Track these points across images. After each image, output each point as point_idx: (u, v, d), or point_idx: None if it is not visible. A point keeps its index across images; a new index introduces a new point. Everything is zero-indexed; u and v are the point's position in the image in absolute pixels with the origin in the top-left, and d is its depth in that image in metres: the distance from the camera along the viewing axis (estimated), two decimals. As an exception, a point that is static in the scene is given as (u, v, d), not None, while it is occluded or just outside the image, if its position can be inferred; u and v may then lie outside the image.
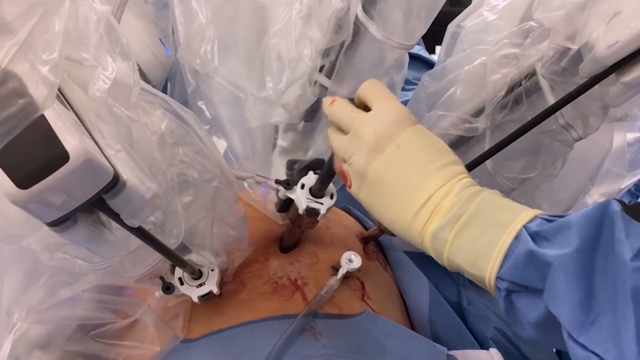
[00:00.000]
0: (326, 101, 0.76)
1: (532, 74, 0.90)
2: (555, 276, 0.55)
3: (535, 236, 0.58)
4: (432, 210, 0.66)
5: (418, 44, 1.99)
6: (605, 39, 0.74)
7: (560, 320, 0.54)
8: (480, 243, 0.61)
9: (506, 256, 0.59)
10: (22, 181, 0.46)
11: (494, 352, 0.99)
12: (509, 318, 0.63)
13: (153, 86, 1.15)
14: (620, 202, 0.57)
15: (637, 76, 0.75)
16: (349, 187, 0.74)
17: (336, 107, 0.75)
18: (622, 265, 0.52)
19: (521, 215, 0.61)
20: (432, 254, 0.67)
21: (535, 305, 0.58)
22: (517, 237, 0.59)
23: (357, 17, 0.78)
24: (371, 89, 0.73)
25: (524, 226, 0.59)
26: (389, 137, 0.69)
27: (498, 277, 0.60)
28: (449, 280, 1.24)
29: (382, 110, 0.71)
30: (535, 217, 0.61)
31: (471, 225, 0.63)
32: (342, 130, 0.74)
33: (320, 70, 0.87)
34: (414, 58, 1.85)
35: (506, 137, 0.84)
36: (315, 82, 0.87)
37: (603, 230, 0.55)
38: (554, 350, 1.20)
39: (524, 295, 0.59)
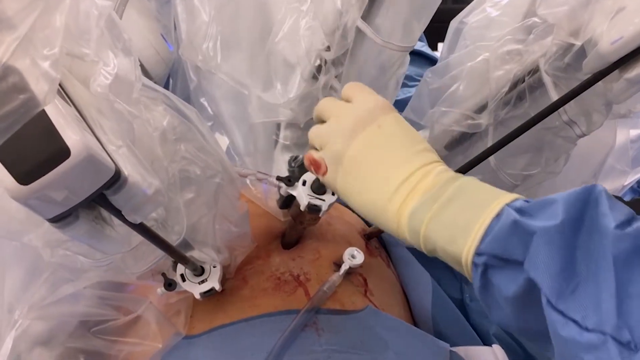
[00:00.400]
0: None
1: (535, 70, 0.90)
2: (539, 244, 0.54)
3: (519, 211, 0.57)
4: (410, 190, 0.66)
5: (420, 40, 1.99)
6: (609, 35, 0.74)
7: (540, 286, 0.53)
8: (460, 220, 0.61)
9: (486, 233, 0.58)
10: (23, 177, 0.46)
11: (496, 348, 0.99)
12: (484, 298, 0.62)
13: (155, 82, 1.15)
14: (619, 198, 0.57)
15: (641, 72, 0.75)
16: (324, 174, 0.73)
17: (322, 101, 0.76)
18: (605, 234, 0.52)
19: (503, 196, 0.61)
20: (407, 235, 0.66)
21: (514, 278, 0.57)
22: (498, 215, 0.58)
23: (357, 25, 0.78)
24: (353, 87, 0.75)
25: (507, 204, 0.59)
26: (371, 118, 0.71)
27: (476, 253, 0.59)
28: (451, 277, 1.23)
29: (364, 99, 0.73)
30: (517, 199, 0.60)
31: (452, 204, 0.62)
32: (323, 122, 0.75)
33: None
34: (417, 54, 1.85)
35: (509, 134, 0.84)
36: (330, 86, 0.87)
37: (588, 209, 0.54)
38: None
39: (502, 269, 0.58)
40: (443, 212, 0.62)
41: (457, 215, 0.61)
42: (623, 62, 0.75)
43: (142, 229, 0.65)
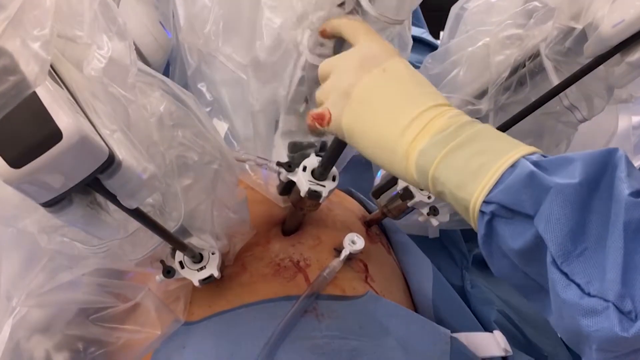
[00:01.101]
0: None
1: (536, 55, 0.89)
2: (553, 200, 0.52)
3: (536, 165, 0.56)
4: (421, 128, 0.63)
5: (422, 27, 1.98)
6: (611, 18, 0.73)
7: (547, 243, 0.52)
8: (472, 165, 0.58)
9: (498, 181, 0.56)
10: (15, 160, 0.45)
11: (497, 334, 0.99)
12: (486, 247, 0.60)
13: (153, 69, 1.14)
14: None
15: (643, 56, 0.74)
16: (328, 121, 0.70)
17: (325, 60, 0.74)
18: (618, 201, 0.51)
19: (521, 147, 0.58)
20: (415, 175, 0.63)
21: (522, 232, 0.55)
22: (513, 165, 0.56)
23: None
24: (356, 27, 0.73)
25: (524, 155, 0.57)
26: (376, 61, 0.68)
27: (485, 201, 0.57)
28: (452, 264, 1.24)
29: (367, 40, 0.71)
30: (535, 152, 0.58)
31: (465, 147, 0.60)
32: None
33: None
34: (418, 41, 1.84)
35: (510, 119, 0.84)
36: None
37: (606, 172, 0.53)
38: (559, 336, 1.20)
39: (510, 221, 0.56)
40: (455, 155, 0.60)
41: (470, 160, 0.59)
42: (624, 45, 0.74)
43: (139, 215, 0.64)
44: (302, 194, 0.88)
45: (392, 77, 0.67)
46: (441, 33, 1.16)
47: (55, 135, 0.46)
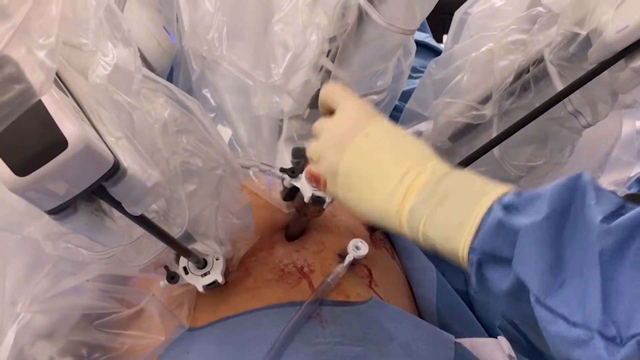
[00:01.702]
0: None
1: (540, 60, 0.89)
2: (523, 243, 0.54)
3: (506, 207, 0.57)
4: (406, 189, 0.66)
5: (425, 32, 1.98)
6: (615, 24, 0.73)
7: (527, 285, 0.53)
8: (454, 217, 0.61)
9: (479, 228, 0.58)
10: (20, 168, 0.46)
11: (501, 340, 0.98)
12: (482, 290, 0.62)
13: (157, 74, 1.14)
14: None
15: (647, 61, 0.74)
16: (324, 187, 0.75)
17: (317, 121, 0.77)
18: (591, 229, 0.51)
19: (494, 189, 0.60)
20: (408, 233, 0.66)
21: (505, 275, 0.57)
22: (489, 210, 0.58)
23: (359, 4, 0.78)
24: (332, 92, 0.76)
25: (497, 199, 0.59)
26: (356, 128, 0.71)
27: (470, 248, 0.59)
28: (456, 269, 1.22)
29: (346, 107, 0.74)
30: (508, 192, 0.60)
31: (446, 201, 0.62)
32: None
33: (327, 55, 0.86)
34: (422, 46, 1.84)
35: (514, 124, 0.83)
36: (321, 68, 0.87)
37: (574, 201, 0.54)
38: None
39: (494, 265, 0.58)
40: (439, 209, 0.63)
41: (451, 213, 0.62)
42: (629, 51, 0.74)
43: (143, 221, 0.64)
44: (306, 199, 0.88)
45: (374, 140, 0.71)
46: (444, 37, 1.16)
47: (60, 143, 0.46)
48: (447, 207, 0.62)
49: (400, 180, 0.67)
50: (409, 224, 0.65)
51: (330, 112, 0.76)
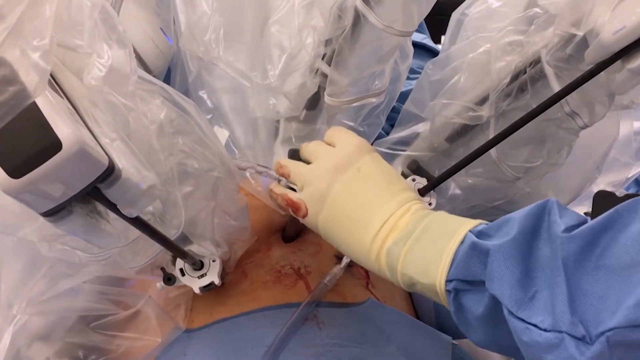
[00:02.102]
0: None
1: (537, 61, 0.89)
2: (493, 260, 0.57)
3: (478, 234, 0.62)
4: (390, 229, 0.70)
5: (423, 32, 1.97)
6: (611, 25, 0.73)
7: (500, 299, 0.56)
8: (430, 252, 0.65)
9: (453, 260, 0.62)
10: (14, 170, 0.45)
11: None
12: (460, 321, 0.65)
13: (154, 76, 1.14)
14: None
15: (644, 62, 0.74)
16: (303, 216, 0.77)
17: (310, 143, 0.81)
18: (555, 240, 0.54)
19: (467, 223, 0.65)
20: (387, 272, 0.70)
21: (480, 298, 0.60)
22: (463, 240, 0.62)
23: (356, 6, 0.78)
24: (336, 131, 0.81)
25: (469, 230, 0.63)
26: (350, 161, 0.75)
27: (447, 280, 0.62)
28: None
29: (344, 141, 0.78)
30: (481, 224, 0.64)
31: (422, 238, 0.67)
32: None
33: (322, 58, 0.86)
34: (419, 47, 1.84)
35: (511, 125, 0.83)
36: (317, 70, 0.87)
37: (542, 220, 0.57)
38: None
39: (470, 292, 0.61)
40: (415, 248, 0.66)
41: (428, 248, 0.65)
42: (625, 52, 0.74)
43: (139, 223, 0.64)
44: (303, 200, 0.88)
45: (365, 177, 0.75)
46: (442, 37, 1.16)
47: (54, 145, 0.45)
48: (424, 244, 0.66)
49: (385, 222, 0.70)
50: (388, 263, 0.69)
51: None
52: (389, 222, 0.70)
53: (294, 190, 0.80)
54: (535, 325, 0.53)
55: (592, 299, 0.50)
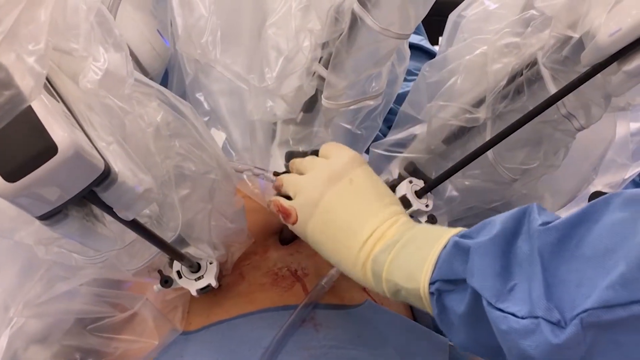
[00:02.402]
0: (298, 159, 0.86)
1: (533, 63, 0.89)
2: (474, 256, 0.59)
3: (461, 237, 0.63)
4: (378, 239, 0.72)
5: (420, 34, 1.98)
6: (607, 27, 0.73)
7: (480, 292, 0.57)
8: (415, 258, 0.66)
9: (436, 262, 0.64)
10: (10, 174, 0.45)
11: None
12: (443, 324, 0.65)
13: (151, 78, 1.14)
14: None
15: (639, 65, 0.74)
16: (293, 222, 0.78)
17: (304, 159, 0.84)
18: (532, 235, 0.57)
19: (452, 230, 0.66)
20: (372, 280, 0.71)
21: (462, 296, 0.61)
22: (446, 244, 0.64)
23: (353, 9, 0.78)
24: (330, 145, 0.83)
25: (453, 235, 0.65)
26: (343, 173, 0.78)
27: (430, 283, 0.63)
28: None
29: (337, 154, 0.81)
30: (463, 230, 0.66)
31: (408, 246, 0.69)
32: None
33: (319, 61, 0.86)
34: (416, 49, 1.84)
35: (507, 127, 0.83)
36: (314, 73, 0.87)
37: (525, 219, 0.59)
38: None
39: (452, 292, 0.62)
40: (400, 254, 0.68)
41: (412, 255, 0.67)
42: (621, 54, 0.74)
43: (136, 226, 0.64)
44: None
45: (357, 188, 0.77)
46: (440, 38, 1.16)
47: (50, 149, 0.45)
48: (409, 251, 0.68)
49: (372, 233, 0.73)
50: (373, 270, 0.71)
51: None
52: (377, 232, 0.73)
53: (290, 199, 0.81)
54: (513, 314, 0.54)
55: (569, 286, 0.51)
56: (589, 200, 0.88)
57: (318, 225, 0.76)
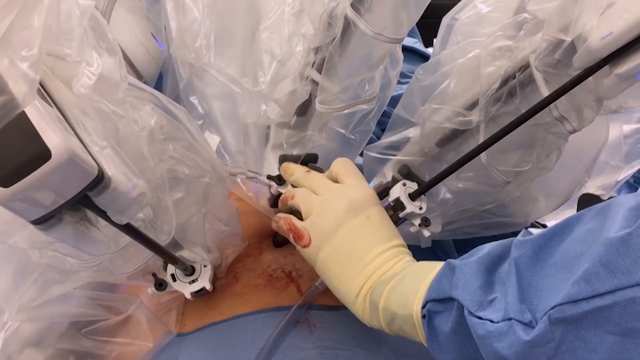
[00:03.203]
0: (298, 170, 0.89)
1: (526, 67, 0.89)
2: (459, 271, 0.62)
3: (451, 262, 0.66)
4: (383, 272, 0.76)
5: (414, 37, 1.98)
6: (599, 31, 0.73)
7: (462, 302, 0.60)
8: (410, 287, 0.69)
9: (429, 288, 0.67)
10: (4, 179, 0.46)
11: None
12: (433, 346, 0.67)
13: (145, 81, 1.14)
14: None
15: (631, 68, 0.74)
16: (305, 246, 0.80)
17: (313, 175, 0.86)
18: (511, 250, 0.59)
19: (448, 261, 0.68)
20: (368, 311, 0.76)
21: (449, 315, 0.63)
22: (439, 271, 0.67)
23: (346, 14, 0.78)
24: (344, 167, 0.86)
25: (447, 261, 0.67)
26: (362, 208, 0.80)
27: (422, 307, 0.66)
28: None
29: (357, 185, 0.84)
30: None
31: (407, 277, 0.72)
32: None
33: (312, 66, 0.87)
34: (409, 51, 1.84)
35: (500, 130, 0.84)
36: (307, 77, 0.87)
37: (509, 249, 0.60)
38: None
39: (441, 313, 0.64)
40: (398, 285, 0.72)
41: (409, 285, 0.70)
42: (613, 57, 0.74)
43: (129, 230, 0.64)
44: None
45: (372, 224, 0.80)
46: (434, 40, 1.16)
47: (44, 154, 0.46)
48: (407, 282, 0.71)
49: (378, 267, 0.77)
50: (371, 299, 0.74)
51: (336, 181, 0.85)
52: (383, 267, 0.77)
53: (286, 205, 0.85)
54: (490, 320, 0.56)
55: (541, 290, 0.54)
56: (579, 203, 0.89)
57: (332, 254, 0.79)
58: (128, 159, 0.59)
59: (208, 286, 0.85)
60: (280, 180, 0.91)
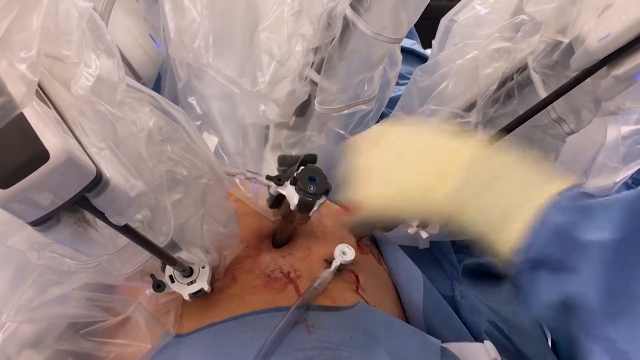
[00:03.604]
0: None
1: (523, 68, 0.90)
2: (589, 261, 0.50)
3: (567, 212, 0.53)
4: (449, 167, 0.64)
5: (413, 38, 1.98)
6: (597, 32, 0.73)
7: (585, 305, 0.49)
8: (505, 207, 0.57)
9: (531, 228, 0.54)
10: (2, 180, 0.45)
11: (488, 344, 0.99)
12: (520, 296, 0.58)
13: (144, 83, 1.14)
14: None
15: (629, 69, 0.74)
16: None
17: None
18: None
19: (547, 185, 0.57)
20: (446, 217, 0.64)
21: (556, 288, 0.53)
22: (544, 211, 0.54)
23: (345, 14, 0.78)
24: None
25: (553, 197, 0.54)
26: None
27: (519, 250, 0.55)
28: (442, 275, 1.24)
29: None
30: (565, 189, 0.55)
31: (493, 186, 0.59)
32: None
33: (311, 66, 0.87)
34: (408, 52, 1.84)
35: (498, 132, 0.84)
36: (306, 78, 0.87)
37: None
38: (549, 344, 1.20)
39: (546, 274, 0.54)
40: (484, 196, 0.60)
41: (498, 201, 0.58)
42: (611, 59, 0.74)
43: (128, 231, 0.64)
44: (292, 207, 0.88)
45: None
46: (433, 41, 1.16)
47: (42, 155, 0.46)
48: (495, 193, 0.59)
49: (447, 160, 0.65)
50: (450, 209, 0.63)
51: None
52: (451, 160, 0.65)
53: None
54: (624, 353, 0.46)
55: None
56: None
57: (386, 161, 0.72)
58: (126, 160, 0.59)
59: (206, 287, 0.85)
60: (279, 180, 0.91)
